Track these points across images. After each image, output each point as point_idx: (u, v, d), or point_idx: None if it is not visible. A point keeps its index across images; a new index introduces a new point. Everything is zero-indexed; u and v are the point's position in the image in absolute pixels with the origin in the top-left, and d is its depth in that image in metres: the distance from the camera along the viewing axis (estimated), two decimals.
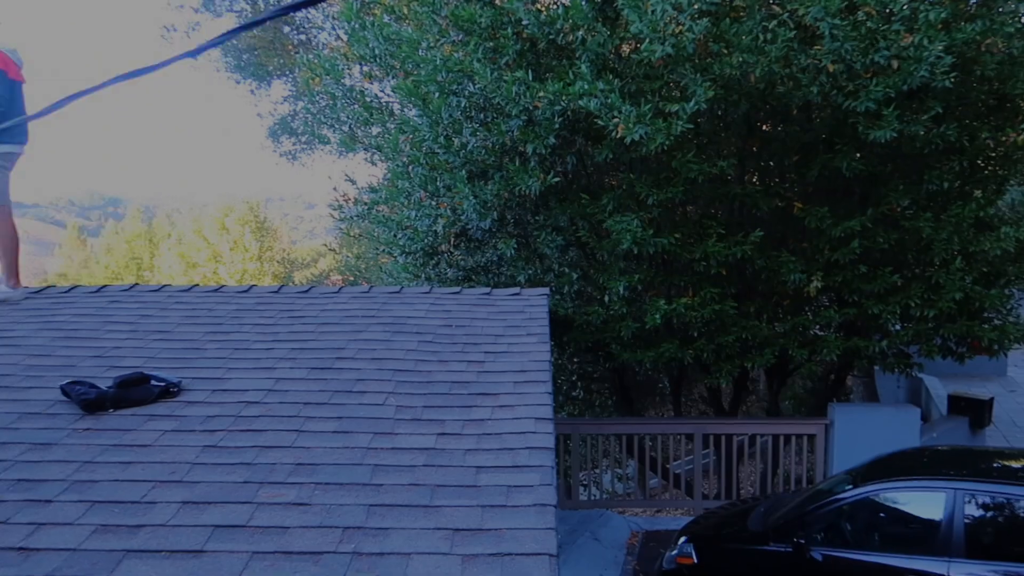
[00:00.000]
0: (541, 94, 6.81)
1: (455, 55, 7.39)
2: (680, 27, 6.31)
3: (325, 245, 20.73)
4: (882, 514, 5.32)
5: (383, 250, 10.37)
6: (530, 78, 6.82)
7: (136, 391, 3.46)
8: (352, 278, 19.04)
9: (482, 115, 7.84)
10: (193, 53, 1.65)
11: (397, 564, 2.29)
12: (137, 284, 5.47)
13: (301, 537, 2.44)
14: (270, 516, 2.57)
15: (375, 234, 10.32)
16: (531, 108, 7.07)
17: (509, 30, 7.13)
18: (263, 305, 5.00)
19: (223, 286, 5.49)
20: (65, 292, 5.24)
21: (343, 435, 3.18)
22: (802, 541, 5.24)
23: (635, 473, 11.14)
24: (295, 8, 1.74)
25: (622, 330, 7.98)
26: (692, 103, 6.35)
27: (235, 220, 29.17)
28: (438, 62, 7.35)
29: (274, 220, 35.96)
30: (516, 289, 5.37)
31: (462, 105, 7.60)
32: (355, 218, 9.84)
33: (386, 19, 8.51)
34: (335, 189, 9.62)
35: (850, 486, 5.44)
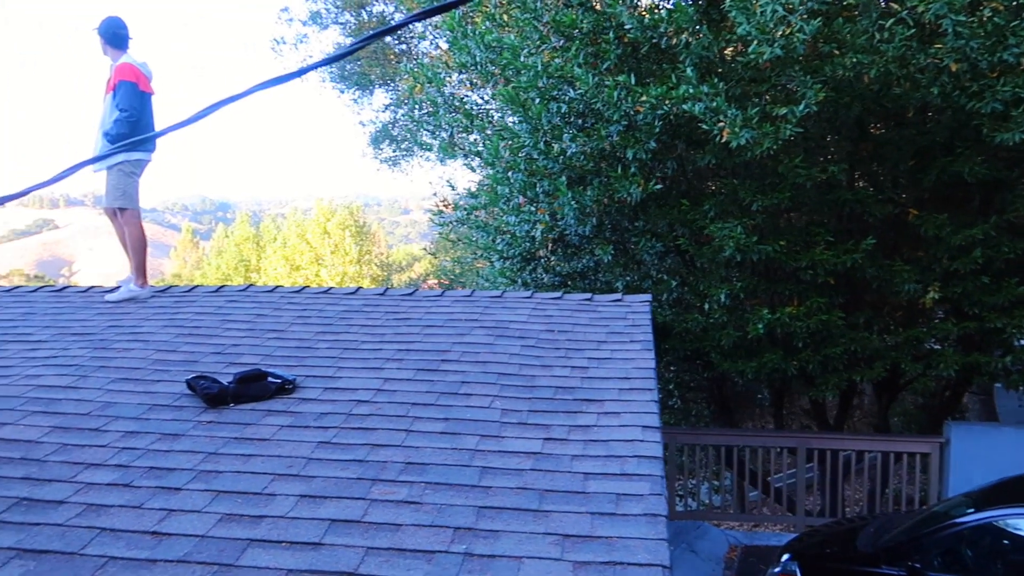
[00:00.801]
0: (643, 98, 6.75)
1: (555, 61, 7.41)
2: (790, 28, 6.13)
3: (424, 249, 21.16)
4: (1006, 541, 5.00)
5: (481, 255, 10.49)
6: (632, 82, 6.76)
7: (254, 387, 3.61)
8: (447, 282, 19.35)
9: (580, 120, 7.83)
10: (329, 61, 1.70)
11: (508, 567, 2.31)
12: (252, 285, 5.71)
13: (414, 535, 2.49)
14: (383, 513, 2.63)
15: (473, 239, 10.45)
16: (632, 113, 7.02)
17: (611, 34, 7.09)
18: (369, 307, 5.13)
19: (332, 288, 5.67)
20: (187, 291, 5.53)
21: (451, 436, 3.23)
22: (917, 566, 4.98)
23: (731, 485, 10.87)
24: (420, 17, 1.77)
25: (722, 339, 7.81)
26: (802, 106, 6.16)
27: (336, 224, 30.14)
28: (539, 68, 7.38)
29: (371, 225, 36.97)
30: (618, 295, 5.32)
31: (562, 111, 7.61)
32: (454, 223, 9.99)
33: (486, 27, 8.61)
34: (435, 195, 9.79)
35: (971, 510, 5.14)
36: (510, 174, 8.07)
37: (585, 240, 8.63)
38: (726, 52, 7.33)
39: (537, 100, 7.53)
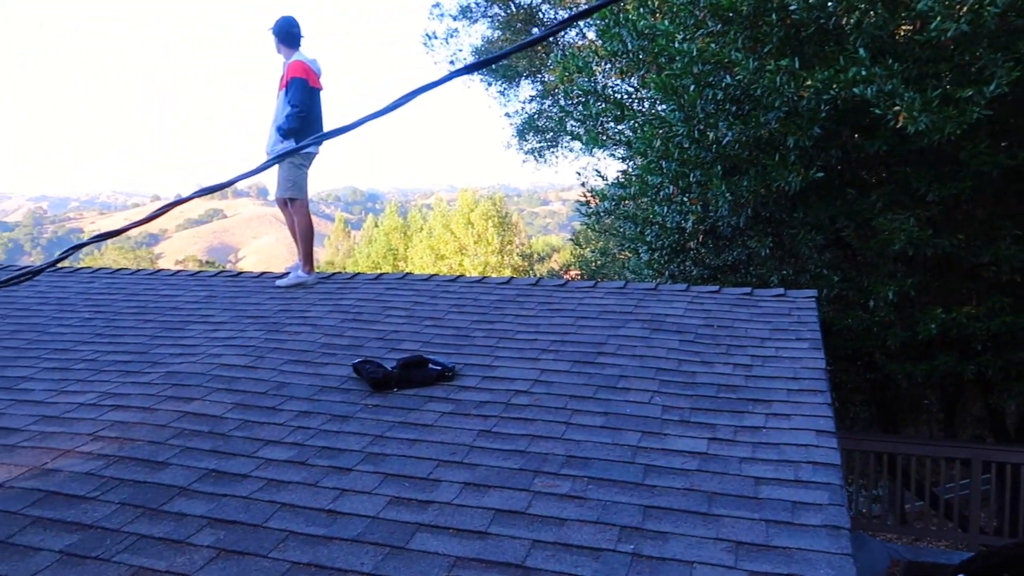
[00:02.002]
0: (808, 83, 6.38)
1: (711, 46, 7.15)
2: (979, 1, 5.60)
3: (572, 240, 21.14)
4: None
5: (627, 245, 10.33)
6: (796, 66, 6.41)
7: (417, 373, 3.70)
8: (584, 274, 19.25)
9: (736, 107, 7.53)
10: (506, 54, 1.67)
11: (680, 572, 2.22)
12: (409, 273, 5.88)
13: (579, 531, 2.45)
14: (547, 506, 2.61)
15: (620, 230, 10.30)
16: (794, 98, 6.66)
17: (773, 16, 6.76)
18: (523, 297, 5.15)
19: (485, 277, 5.74)
20: (349, 279, 5.77)
21: (611, 431, 3.17)
22: None
23: (887, 494, 10.18)
24: (586, 15, 1.71)
25: (888, 339, 7.29)
26: (992, 86, 5.62)
27: (479, 215, 30.73)
28: (694, 54, 7.15)
29: (511, 215, 37.37)
30: (780, 290, 5.07)
31: (717, 97, 7.34)
32: (602, 213, 9.89)
33: (639, 14, 8.43)
34: (583, 184, 9.71)
35: None
36: (662, 163, 7.88)
37: (738, 232, 8.31)
38: (899, 31, 6.82)
39: (692, 87, 7.29)
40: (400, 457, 2.99)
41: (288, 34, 5.73)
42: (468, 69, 1.59)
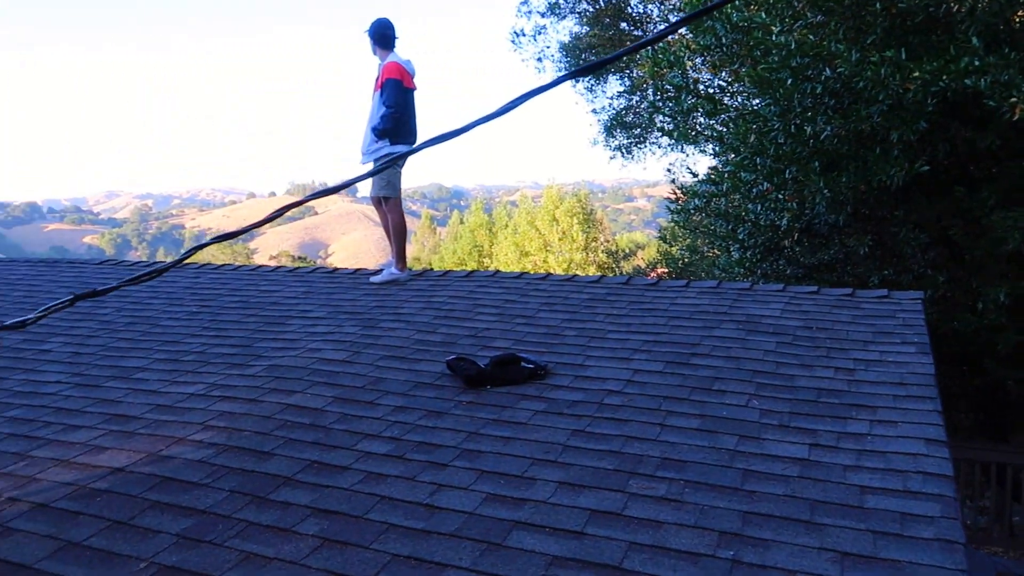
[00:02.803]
0: (914, 74, 6.11)
1: (810, 38, 6.93)
2: None
3: (659, 237, 20.86)
4: None
5: (718, 243, 10.13)
6: (902, 57, 6.14)
7: (510, 371, 3.73)
8: (674, 273, 18.96)
9: (835, 101, 7.27)
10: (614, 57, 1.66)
11: None
12: (499, 271, 5.92)
13: (677, 535, 2.42)
14: (643, 508, 2.59)
15: (710, 227, 10.11)
16: (899, 91, 6.38)
17: (877, 6, 6.50)
18: (613, 296, 5.12)
19: (575, 276, 5.73)
20: (441, 276, 5.86)
21: (707, 434, 3.11)
22: None
23: (993, 505, 9.64)
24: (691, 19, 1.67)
25: (1000, 343, 6.92)
26: None
27: (564, 211, 30.67)
28: (792, 47, 6.93)
29: (596, 212, 37.13)
30: (883, 291, 4.87)
31: (816, 91, 7.10)
32: (691, 210, 9.72)
33: (734, 6, 8.24)
34: (673, 182, 9.57)
35: None
36: (756, 159, 7.69)
37: (836, 230, 8.03)
38: (1017, 17, 6.44)
39: (788, 81, 7.08)
40: (495, 454, 3.02)
41: (383, 36, 5.85)
42: (581, 72, 1.59)
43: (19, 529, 2.58)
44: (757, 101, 8.16)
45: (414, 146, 1.74)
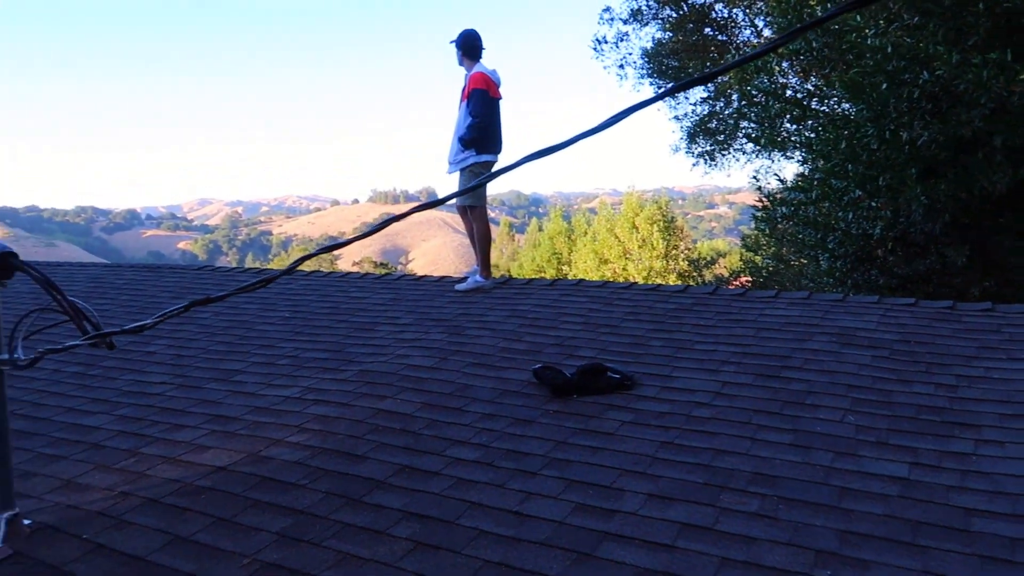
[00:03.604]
0: (1021, 76, 5.83)
1: (907, 40, 6.69)
2: None
3: (742, 245, 20.43)
4: None
5: (806, 252, 9.86)
6: (1007, 59, 5.87)
7: (596, 380, 3.73)
8: (758, 282, 18.52)
9: (932, 105, 6.99)
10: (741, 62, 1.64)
11: None
12: (583, 280, 5.92)
13: (771, 552, 2.37)
14: (735, 523, 2.55)
15: (798, 236, 9.85)
16: (1004, 93, 6.10)
17: (980, 6, 6.23)
18: (700, 306, 5.05)
19: (661, 285, 5.68)
20: (525, 284, 5.90)
21: (800, 450, 3.04)
22: None
23: None
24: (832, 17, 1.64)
25: None
26: None
27: (644, 219, 30.37)
28: (888, 49, 6.72)
29: (676, 219, 36.63)
30: (987, 304, 4.66)
31: (913, 95, 6.85)
32: (778, 218, 9.50)
33: (826, 8, 8.03)
34: (759, 189, 9.37)
35: None
36: (848, 166, 7.46)
37: (932, 239, 7.71)
38: None
39: (883, 85, 6.86)
40: (583, 464, 3.03)
41: (471, 46, 5.95)
42: (686, 84, 1.59)
43: (133, 522, 2.73)
44: (848, 106, 7.93)
45: (515, 161, 1.77)
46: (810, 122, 8.87)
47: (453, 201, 6.39)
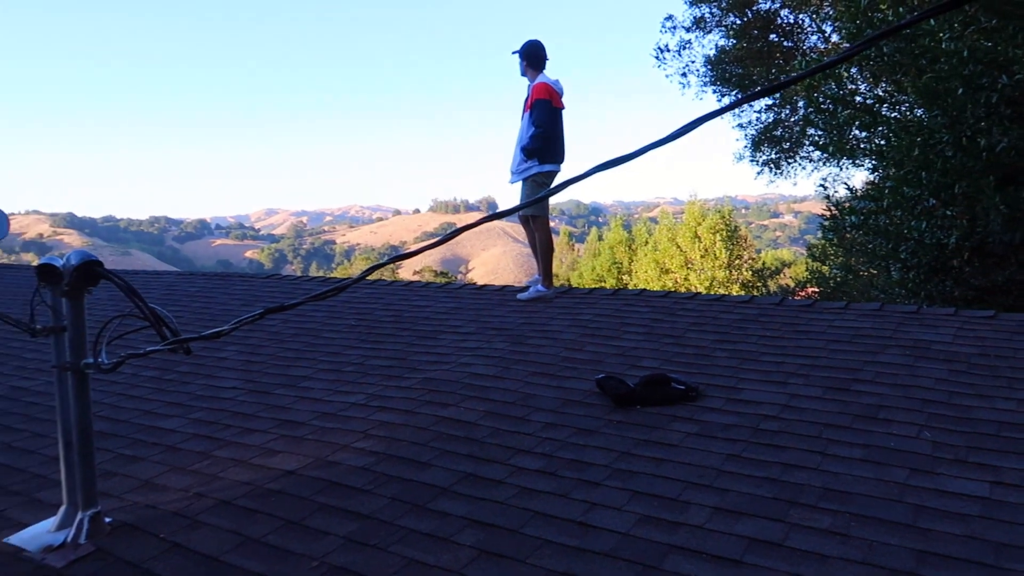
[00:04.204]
0: None
1: (984, 43, 6.47)
2: None
3: (808, 254, 19.96)
4: None
5: (876, 262, 9.58)
6: None
7: (659, 391, 3.69)
8: (825, 292, 18.05)
9: (1011, 111, 6.74)
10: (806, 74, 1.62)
11: None
12: (645, 290, 5.88)
13: (844, 570, 2.31)
14: (805, 540, 2.49)
15: (867, 245, 9.58)
16: None
17: None
18: (765, 316, 4.96)
19: (725, 295, 5.60)
20: (587, 293, 5.88)
21: (873, 466, 2.95)
22: None
23: None
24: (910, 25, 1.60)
25: None
26: None
27: (706, 228, 29.97)
28: (964, 54, 6.51)
29: (740, 228, 36.04)
30: None
31: (991, 100, 6.62)
32: (847, 228, 9.26)
33: (899, 12, 7.82)
34: (827, 198, 9.16)
35: None
36: (921, 174, 7.24)
37: (1012, 249, 7.41)
38: None
39: (959, 90, 6.64)
40: (647, 475, 3.00)
41: (535, 57, 5.98)
42: (760, 94, 1.57)
43: (206, 523, 2.81)
44: (922, 112, 7.70)
45: (583, 172, 1.77)
46: (880, 129, 8.63)
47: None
